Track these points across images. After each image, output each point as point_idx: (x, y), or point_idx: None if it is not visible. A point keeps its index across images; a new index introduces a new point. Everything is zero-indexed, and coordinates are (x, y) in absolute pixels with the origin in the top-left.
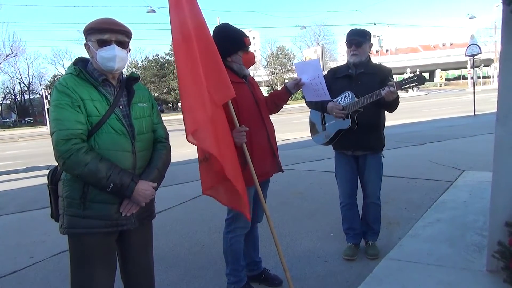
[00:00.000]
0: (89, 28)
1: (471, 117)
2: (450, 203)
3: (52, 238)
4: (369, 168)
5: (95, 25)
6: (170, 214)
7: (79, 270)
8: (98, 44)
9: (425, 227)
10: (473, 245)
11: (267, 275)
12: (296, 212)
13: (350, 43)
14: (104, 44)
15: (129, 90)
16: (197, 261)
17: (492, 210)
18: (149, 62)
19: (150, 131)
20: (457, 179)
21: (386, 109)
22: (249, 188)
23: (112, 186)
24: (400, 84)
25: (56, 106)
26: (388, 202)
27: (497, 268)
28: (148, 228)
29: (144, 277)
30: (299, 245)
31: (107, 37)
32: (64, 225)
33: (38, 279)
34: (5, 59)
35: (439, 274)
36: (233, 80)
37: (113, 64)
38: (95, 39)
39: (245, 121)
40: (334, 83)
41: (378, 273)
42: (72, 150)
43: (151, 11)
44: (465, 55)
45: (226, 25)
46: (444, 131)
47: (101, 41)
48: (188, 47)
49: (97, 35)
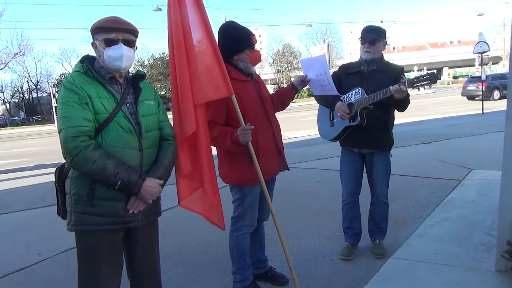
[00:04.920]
0: (96, 27)
1: (479, 115)
2: (458, 202)
3: (59, 235)
4: (376, 166)
5: (102, 24)
6: (176, 212)
7: (86, 267)
8: (105, 43)
9: (433, 226)
10: (482, 244)
11: (273, 273)
12: (302, 211)
13: (364, 40)
14: (111, 43)
15: (135, 88)
16: (203, 259)
17: (501, 209)
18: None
19: (156, 129)
20: (465, 177)
21: (396, 108)
22: (255, 186)
23: (120, 183)
24: (412, 82)
25: (64, 104)
26: (395, 201)
27: (506, 268)
28: (154, 226)
29: (150, 275)
30: (305, 244)
31: (113, 36)
32: (71, 222)
33: (45, 276)
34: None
35: (446, 274)
36: (238, 78)
37: (120, 63)
38: (102, 38)
39: (251, 119)
40: (345, 79)
41: (385, 272)
42: (80, 147)
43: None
44: (473, 52)
45: (232, 24)
46: (452, 129)
47: (108, 41)
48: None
49: (104, 34)
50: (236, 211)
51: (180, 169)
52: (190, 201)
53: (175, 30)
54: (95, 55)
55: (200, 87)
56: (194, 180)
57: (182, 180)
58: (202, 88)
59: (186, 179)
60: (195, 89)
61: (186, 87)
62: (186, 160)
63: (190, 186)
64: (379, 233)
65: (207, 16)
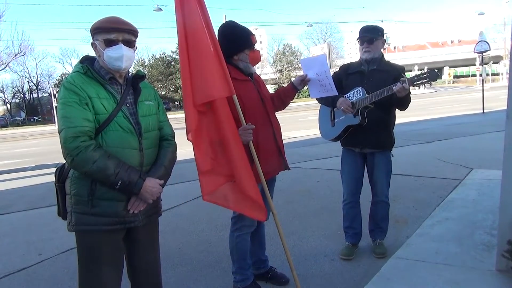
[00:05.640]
0: (96, 28)
1: (480, 114)
2: (458, 201)
3: (60, 235)
4: (378, 166)
5: (102, 24)
6: (177, 212)
7: (87, 267)
8: (105, 43)
9: (433, 226)
10: (482, 244)
11: (273, 273)
12: (302, 210)
13: (362, 40)
14: (111, 43)
15: (135, 88)
16: (204, 259)
17: (501, 208)
18: (156, 61)
19: (156, 129)
20: (466, 177)
21: (397, 107)
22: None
23: (120, 183)
24: (412, 80)
25: (64, 104)
26: (396, 201)
27: (507, 268)
28: (154, 226)
29: (151, 275)
30: (306, 244)
31: (114, 36)
32: (72, 223)
33: (46, 276)
34: (14, 58)
35: (447, 273)
36: (238, 78)
37: (121, 63)
38: (102, 39)
39: (251, 119)
40: (346, 79)
41: (385, 272)
42: (80, 148)
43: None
44: (474, 52)
45: (232, 23)
46: (453, 129)
47: (108, 41)
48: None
49: (104, 34)
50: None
51: (198, 166)
52: (216, 196)
53: (180, 30)
54: (95, 55)
55: (201, 87)
56: (218, 175)
57: (203, 177)
58: (203, 87)
59: (208, 175)
60: (197, 88)
61: (187, 87)
62: (203, 157)
63: (214, 182)
64: (379, 232)
65: (209, 16)
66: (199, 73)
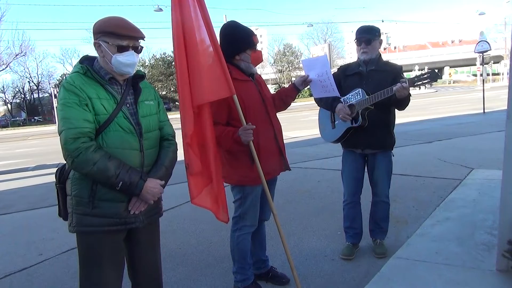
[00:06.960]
0: (106, 31)
1: (481, 114)
2: (459, 201)
3: (61, 235)
4: (378, 166)
5: (114, 29)
6: (178, 212)
7: (88, 268)
8: (118, 49)
9: (434, 226)
10: (483, 244)
11: (274, 273)
12: (303, 211)
13: (359, 41)
14: (123, 49)
15: (135, 88)
16: (205, 259)
17: (502, 208)
18: (156, 61)
19: (157, 129)
20: (466, 177)
21: (396, 107)
22: (256, 186)
23: (121, 184)
24: (413, 80)
25: (64, 105)
26: (396, 201)
27: (507, 268)
28: (155, 226)
29: (151, 275)
30: (306, 244)
31: (126, 43)
32: (73, 224)
33: (47, 276)
34: (14, 58)
35: (447, 273)
36: (239, 78)
37: (131, 70)
38: (114, 44)
39: (252, 119)
40: (344, 81)
41: (386, 272)
42: (80, 149)
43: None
44: (475, 52)
45: (234, 24)
46: (453, 129)
47: (121, 47)
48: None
49: (115, 39)
50: (237, 211)
51: (191, 168)
52: (201, 198)
53: (177, 31)
54: (94, 55)
55: (202, 87)
56: (204, 178)
57: (193, 178)
58: (204, 88)
59: (197, 177)
60: (197, 89)
61: (186, 88)
62: (197, 159)
63: (201, 184)
64: (380, 232)
65: (209, 16)
66: (196, 74)
